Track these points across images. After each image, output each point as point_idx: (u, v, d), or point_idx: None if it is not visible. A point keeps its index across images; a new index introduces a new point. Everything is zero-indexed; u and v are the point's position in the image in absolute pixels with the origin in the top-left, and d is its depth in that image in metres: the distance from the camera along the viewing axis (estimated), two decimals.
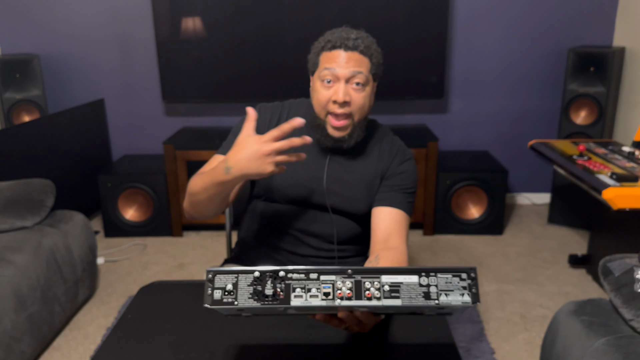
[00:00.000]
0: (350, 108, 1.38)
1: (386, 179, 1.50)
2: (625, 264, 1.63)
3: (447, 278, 0.86)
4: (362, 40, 1.39)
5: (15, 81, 3.28)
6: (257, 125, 1.49)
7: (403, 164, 1.51)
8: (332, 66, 1.36)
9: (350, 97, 1.37)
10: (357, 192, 1.48)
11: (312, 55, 1.45)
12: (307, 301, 0.85)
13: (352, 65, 1.36)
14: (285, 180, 1.47)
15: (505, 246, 3.05)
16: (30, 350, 1.99)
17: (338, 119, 1.39)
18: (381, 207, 1.46)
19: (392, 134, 1.58)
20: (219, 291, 0.86)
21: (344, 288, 0.85)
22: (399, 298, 0.85)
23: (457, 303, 0.84)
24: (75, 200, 3.16)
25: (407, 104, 3.50)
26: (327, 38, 1.40)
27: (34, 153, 2.87)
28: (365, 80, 1.38)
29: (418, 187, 3.07)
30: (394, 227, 1.43)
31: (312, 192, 1.48)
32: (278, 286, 0.86)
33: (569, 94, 3.09)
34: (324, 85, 1.39)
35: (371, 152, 1.52)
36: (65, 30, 3.42)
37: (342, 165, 1.50)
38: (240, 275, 0.87)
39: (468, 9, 3.33)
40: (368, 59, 1.39)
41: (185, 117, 3.56)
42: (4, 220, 2.16)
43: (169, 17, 3.19)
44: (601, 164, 2.26)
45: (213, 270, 0.87)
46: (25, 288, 1.97)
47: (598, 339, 1.49)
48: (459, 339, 2.18)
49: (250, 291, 0.86)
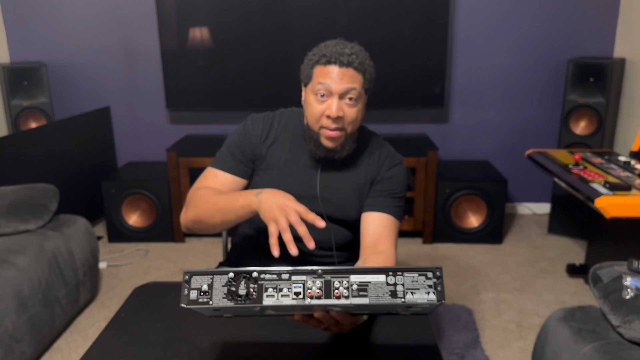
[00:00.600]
0: (343, 123, 1.41)
1: (375, 184, 1.53)
2: (614, 271, 1.65)
3: (414, 277, 0.88)
4: (357, 56, 1.40)
5: (23, 88, 3.36)
6: (249, 135, 1.54)
7: (391, 169, 1.54)
8: (326, 82, 1.38)
9: (343, 112, 1.39)
10: (348, 199, 1.51)
11: (305, 67, 1.47)
12: (278, 300, 0.88)
13: (346, 82, 1.38)
14: (278, 188, 1.51)
15: (504, 255, 3.06)
16: (30, 351, 2.02)
17: (331, 130, 1.41)
18: (370, 213, 1.49)
19: (381, 140, 1.61)
20: (194, 291, 0.90)
21: (314, 287, 0.88)
22: (367, 297, 0.87)
23: (423, 301, 0.87)
24: (80, 205, 3.21)
25: (408, 113, 3.53)
26: (321, 52, 1.41)
27: (40, 159, 2.93)
28: (358, 95, 1.40)
29: (418, 195, 3.12)
30: (382, 231, 1.46)
31: (305, 200, 1.50)
32: (251, 286, 0.89)
33: (568, 104, 3.11)
34: (317, 100, 1.41)
35: (361, 159, 1.55)
36: (72, 39, 3.50)
37: (333, 174, 1.53)
38: (215, 276, 0.90)
39: (469, 20, 3.37)
40: (361, 74, 1.41)
41: (188, 125, 3.62)
42: (8, 223, 2.21)
43: (173, 26, 3.26)
44: (596, 173, 2.27)
45: (190, 272, 0.91)
46: (26, 290, 2.01)
47: (586, 345, 1.50)
48: (453, 346, 2.19)
49: (225, 291, 0.89)
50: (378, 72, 3.63)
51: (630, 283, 1.58)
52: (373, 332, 1.18)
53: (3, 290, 1.90)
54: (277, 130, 1.56)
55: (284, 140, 1.55)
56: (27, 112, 3.37)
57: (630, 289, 1.56)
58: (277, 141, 1.54)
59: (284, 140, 1.55)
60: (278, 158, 1.53)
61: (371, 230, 1.46)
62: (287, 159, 1.53)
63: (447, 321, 2.37)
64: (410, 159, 3.07)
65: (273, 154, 1.53)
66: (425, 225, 3.19)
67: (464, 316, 2.42)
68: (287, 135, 1.55)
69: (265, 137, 1.55)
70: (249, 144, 1.54)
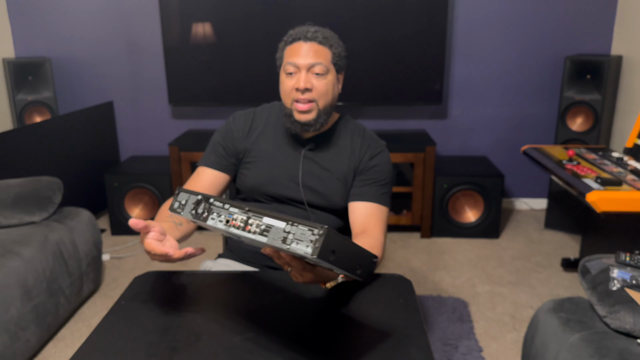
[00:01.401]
0: (312, 94, 1.49)
1: (359, 174, 1.58)
2: (602, 263, 1.69)
3: (303, 230, 0.94)
4: (321, 33, 1.51)
5: (28, 83, 3.41)
6: (232, 131, 1.63)
7: (374, 157, 1.59)
8: (293, 59, 1.48)
9: (311, 84, 1.48)
10: (332, 188, 1.57)
11: (278, 52, 1.57)
12: (215, 223, 1.09)
13: (312, 56, 1.47)
14: (263, 179, 1.58)
15: (501, 249, 3.10)
16: (35, 339, 2.08)
17: (302, 103, 1.49)
18: (357, 202, 1.55)
19: (363, 128, 1.66)
20: (177, 203, 1.18)
21: (237, 220, 1.05)
22: (266, 237, 0.99)
23: (300, 252, 0.92)
24: (84, 198, 3.27)
25: (407, 109, 3.57)
26: (289, 33, 1.54)
27: (45, 152, 2.99)
28: (325, 70, 1.49)
29: (416, 190, 3.16)
30: (369, 219, 1.51)
31: (290, 189, 1.57)
32: (205, 208, 1.12)
33: (565, 101, 3.15)
34: (287, 77, 1.51)
35: (344, 147, 1.60)
36: (76, 35, 3.55)
37: (316, 162, 1.58)
38: (191, 196, 1.16)
39: (467, 17, 3.41)
40: (328, 48, 1.50)
41: (190, 120, 3.67)
42: (13, 215, 2.27)
43: (176, 22, 3.30)
44: (589, 168, 2.31)
45: (181, 189, 1.19)
46: (31, 279, 2.06)
47: (573, 335, 1.55)
48: (447, 337, 2.24)
49: (191, 208, 1.15)
50: (378, 68, 3.69)
51: (617, 275, 1.63)
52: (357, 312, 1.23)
53: (9, 279, 1.95)
54: (260, 124, 1.64)
55: (268, 133, 1.63)
56: (32, 106, 3.42)
57: (617, 280, 1.60)
58: (261, 134, 1.62)
59: (268, 133, 1.63)
60: (264, 150, 1.60)
61: (359, 219, 1.52)
62: (272, 150, 1.60)
63: (442, 313, 2.42)
64: (408, 154, 3.12)
65: (258, 146, 1.61)
66: (423, 219, 3.24)
67: (459, 308, 2.47)
68: (270, 127, 1.63)
69: (248, 132, 1.63)
70: (232, 139, 1.62)
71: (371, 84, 3.31)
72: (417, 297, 1.35)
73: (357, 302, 1.29)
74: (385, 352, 1.10)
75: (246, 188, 1.62)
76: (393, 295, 1.33)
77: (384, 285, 1.38)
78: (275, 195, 1.58)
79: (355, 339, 1.15)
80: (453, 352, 2.15)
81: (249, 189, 1.61)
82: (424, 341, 1.15)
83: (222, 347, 1.12)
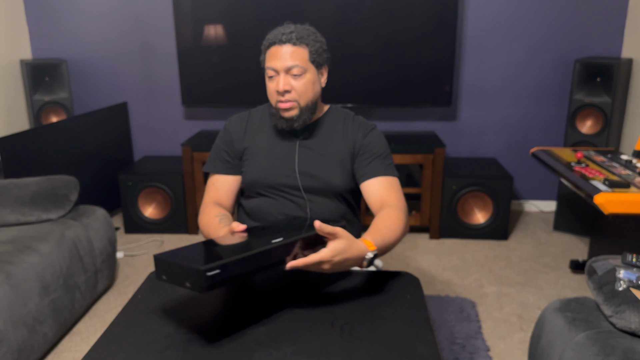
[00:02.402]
0: (292, 95, 1.57)
1: (359, 154, 1.67)
2: (609, 264, 1.71)
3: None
4: (296, 33, 1.56)
5: (45, 84, 3.49)
6: (230, 134, 1.73)
7: (367, 135, 1.68)
8: (271, 63, 1.57)
9: (290, 85, 1.56)
10: (329, 171, 1.65)
11: (261, 56, 1.65)
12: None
13: (288, 59, 1.55)
14: (262, 172, 1.66)
15: (509, 251, 3.12)
16: (52, 333, 2.14)
17: (284, 103, 1.58)
18: (367, 182, 1.64)
19: (352, 114, 1.75)
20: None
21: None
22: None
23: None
24: (98, 197, 3.34)
25: (417, 111, 3.60)
26: (267, 37, 1.61)
27: (60, 152, 3.06)
28: (302, 70, 1.56)
29: (425, 192, 3.19)
30: (384, 192, 1.60)
31: (288, 177, 1.65)
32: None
33: (574, 103, 3.16)
34: (269, 81, 1.60)
35: (336, 132, 1.69)
36: (92, 37, 3.62)
37: (312, 150, 1.67)
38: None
39: (477, 20, 3.43)
40: (304, 47, 1.57)
41: (203, 121, 3.72)
42: (31, 212, 2.33)
43: (189, 24, 3.36)
44: (598, 171, 2.33)
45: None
46: (48, 275, 2.12)
47: (579, 334, 1.57)
48: (455, 336, 2.27)
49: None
50: (388, 70, 3.71)
51: (624, 275, 1.65)
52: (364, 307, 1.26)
53: (27, 274, 2.01)
54: (255, 123, 1.73)
55: (263, 131, 1.72)
56: (48, 107, 3.50)
57: (623, 281, 1.62)
58: (257, 132, 1.71)
59: (263, 131, 1.72)
60: (260, 146, 1.69)
61: (375, 195, 1.61)
62: (268, 145, 1.70)
63: (450, 312, 2.45)
64: (417, 156, 3.15)
65: (255, 143, 1.69)
66: (432, 220, 3.26)
67: (467, 308, 2.49)
68: (265, 125, 1.72)
69: (244, 132, 1.72)
70: (231, 142, 1.72)
71: (381, 86, 3.35)
72: (425, 296, 1.38)
73: (365, 298, 1.33)
74: (392, 347, 1.14)
75: (247, 184, 1.71)
76: (400, 292, 1.37)
77: (391, 281, 1.42)
78: (275, 185, 1.66)
79: (362, 334, 1.18)
80: (460, 351, 2.18)
81: (250, 184, 1.70)
82: (430, 337, 1.18)
83: (235, 340, 1.16)
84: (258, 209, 1.70)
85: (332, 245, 1.24)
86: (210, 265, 1.08)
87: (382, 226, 1.46)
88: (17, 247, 2.09)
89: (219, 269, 1.10)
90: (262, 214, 1.70)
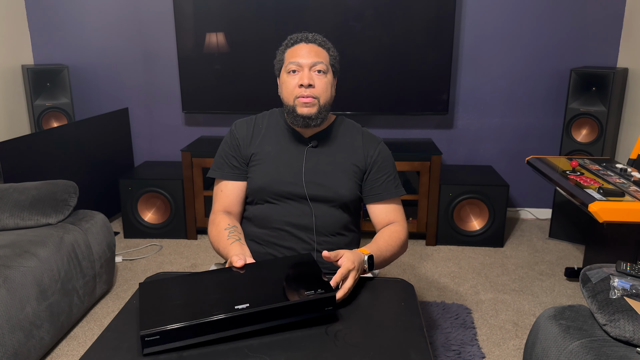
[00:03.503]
0: (314, 91, 1.60)
1: (371, 170, 1.71)
2: (603, 272, 1.73)
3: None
4: (320, 37, 1.66)
5: (46, 89, 3.51)
6: (237, 139, 1.74)
7: (377, 148, 1.73)
8: (296, 59, 1.61)
9: (313, 81, 1.59)
10: (337, 180, 1.67)
11: (277, 58, 1.69)
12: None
13: (313, 56, 1.60)
14: (270, 179, 1.67)
15: (505, 258, 3.14)
16: (49, 337, 2.15)
17: (305, 97, 1.60)
18: (375, 205, 1.71)
19: (359, 126, 1.79)
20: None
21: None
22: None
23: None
24: (98, 201, 3.35)
25: (413, 119, 3.63)
26: (289, 37, 1.68)
27: (61, 156, 3.08)
28: (325, 68, 1.62)
29: (421, 199, 3.21)
30: (392, 215, 1.70)
31: (295, 185, 1.66)
32: None
33: (570, 112, 3.19)
34: (290, 76, 1.62)
35: (345, 143, 1.72)
36: (93, 43, 3.65)
37: (320, 158, 1.69)
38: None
39: (475, 29, 3.47)
40: (326, 51, 1.64)
41: (203, 127, 3.75)
42: (30, 217, 2.35)
43: (190, 31, 3.39)
44: (592, 179, 2.35)
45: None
46: (46, 279, 2.14)
47: (573, 342, 1.58)
48: (450, 343, 2.28)
49: None
50: (386, 78, 3.74)
51: (617, 284, 1.66)
52: (358, 313, 1.28)
53: (25, 278, 2.03)
54: (262, 128, 1.74)
55: (270, 136, 1.73)
56: (49, 112, 3.52)
57: (617, 289, 1.64)
58: (264, 138, 1.72)
59: (270, 136, 1.73)
60: (267, 152, 1.69)
61: (381, 218, 1.71)
62: (275, 151, 1.70)
63: (445, 319, 2.46)
64: (414, 163, 3.17)
65: (262, 149, 1.70)
66: (429, 227, 3.28)
67: (462, 315, 2.51)
68: (272, 131, 1.73)
69: (251, 137, 1.72)
70: (238, 147, 1.72)
71: (379, 94, 3.37)
72: (421, 303, 1.40)
73: (359, 304, 1.35)
74: (386, 353, 1.15)
75: (254, 190, 1.70)
76: (395, 299, 1.39)
77: (386, 288, 1.43)
78: (281, 192, 1.66)
79: (356, 341, 1.20)
80: (456, 358, 2.19)
81: (256, 191, 1.69)
82: (424, 344, 1.20)
83: (229, 346, 1.17)
84: (262, 216, 1.69)
85: (344, 257, 1.38)
86: (150, 330, 1.07)
87: (382, 242, 1.61)
88: (16, 251, 2.10)
89: (158, 335, 1.07)
90: (266, 221, 1.69)
